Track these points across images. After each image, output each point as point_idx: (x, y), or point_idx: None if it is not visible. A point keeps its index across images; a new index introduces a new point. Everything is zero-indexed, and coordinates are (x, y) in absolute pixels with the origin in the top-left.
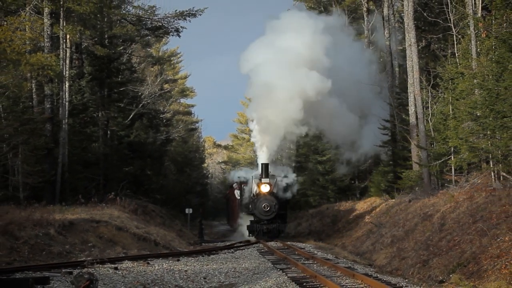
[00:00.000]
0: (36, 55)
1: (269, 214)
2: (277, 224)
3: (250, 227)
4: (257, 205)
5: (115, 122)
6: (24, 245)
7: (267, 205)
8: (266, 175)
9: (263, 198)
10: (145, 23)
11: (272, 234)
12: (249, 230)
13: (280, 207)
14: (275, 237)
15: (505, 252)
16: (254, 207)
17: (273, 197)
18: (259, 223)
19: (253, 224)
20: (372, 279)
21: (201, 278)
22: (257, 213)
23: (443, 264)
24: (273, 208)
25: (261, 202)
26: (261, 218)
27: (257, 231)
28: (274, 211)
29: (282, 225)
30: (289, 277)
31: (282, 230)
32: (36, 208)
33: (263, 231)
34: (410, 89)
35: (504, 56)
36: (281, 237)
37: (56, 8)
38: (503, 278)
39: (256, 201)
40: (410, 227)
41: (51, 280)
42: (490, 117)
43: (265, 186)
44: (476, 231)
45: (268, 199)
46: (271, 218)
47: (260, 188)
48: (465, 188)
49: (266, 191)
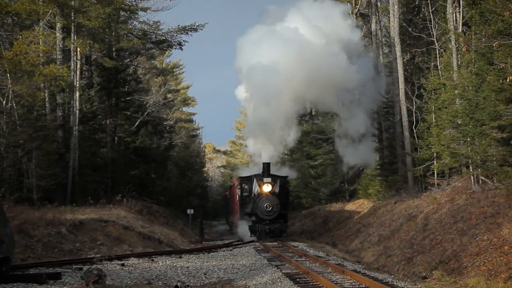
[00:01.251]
0: (49, 67)
1: (271, 214)
2: (279, 224)
3: (252, 227)
4: (259, 204)
5: (122, 129)
6: (38, 243)
7: (269, 204)
8: (268, 174)
9: (265, 198)
10: (150, 37)
11: (274, 235)
12: (250, 230)
13: (282, 207)
14: (277, 238)
15: (483, 250)
16: (256, 207)
17: (275, 197)
18: (260, 223)
19: (255, 224)
20: (360, 275)
21: (201, 274)
22: (259, 213)
23: (426, 261)
24: (275, 208)
25: (263, 202)
26: (262, 218)
27: (259, 231)
28: (276, 211)
29: (284, 225)
30: (283, 273)
31: (284, 230)
32: (48, 208)
33: (265, 231)
34: (396, 99)
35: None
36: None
37: (68, 23)
38: (481, 274)
39: (258, 201)
40: (395, 227)
41: (62, 276)
42: (470, 125)
43: (267, 186)
44: (456, 231)
45: (270, 199)
46: (273, 218)
47: (262, 188)
48: (447, 190)
49: (268, 191)
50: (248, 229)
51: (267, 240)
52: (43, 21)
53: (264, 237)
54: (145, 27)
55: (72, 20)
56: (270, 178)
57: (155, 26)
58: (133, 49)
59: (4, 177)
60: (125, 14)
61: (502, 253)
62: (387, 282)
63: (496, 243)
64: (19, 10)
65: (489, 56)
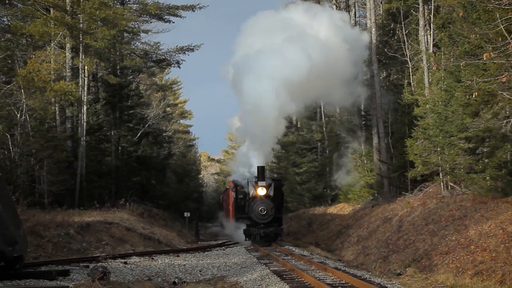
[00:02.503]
0: (59, 83)
1: (266, 218)
2: (274, 228)
3: (247, 231)
4: (254, 208)
5: (125, 139)
6: (48, 243)
7: (264, 208)
8: (263, 178)
9: (260, 202)
10: (151, 56)
11: (269, 238)
12: (245, 234)
13: (277, 210)
14: (272, 241)
15: (452, 249)
16: (251, 210)
17: (269, 201)
18: (255, 226)
19: (250, 228)
20: (341, 272)
21: (197, 271)
22: (254, 216)
23: (401, 259)
24: (270, 211)
25: (258, 205)
26: (257, 222)
27: (254, 235)
28: (271, 215)
29: (279, 229)
30: (271, 270)
31: (279, 234)
32: (58, 212)
33: (260, 235)
34: (374, 113)
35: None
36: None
37: (76, 43)
38: (450, 271)
39: (252, 204)
40: (373, 228)
41: (70, 273)
42: (440, 136)
43: (261, 189)
44: (428, 232)
45: (265, 202)
46: (268, 222)
47: (257, 191)
48: (419, 195)
49: (262, 194)
50: (243, 233)
51: (262, 243)
52: (54, 42)
53: (259, 241)
54: (146, 47)
55: (80, 41)
56: (265, 182)
57: (156, 46)
58: (136, 67)
59: (18, 183)
60: (128, 35)
61: (469, 252)
62: (365, 279)
63: (463, 243)
64: (32, 32)
65: (457, 74)
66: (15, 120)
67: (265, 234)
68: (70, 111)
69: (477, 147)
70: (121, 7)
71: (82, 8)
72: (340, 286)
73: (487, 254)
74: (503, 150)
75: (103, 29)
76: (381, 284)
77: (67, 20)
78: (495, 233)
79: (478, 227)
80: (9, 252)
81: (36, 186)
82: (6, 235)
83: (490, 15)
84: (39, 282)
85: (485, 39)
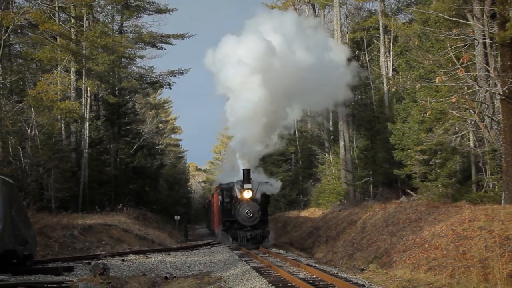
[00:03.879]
0: (65, 102)
1: (253, 220)
2: (260, 231)
3: (233, 234)
4: (240, 211)
5: (123, 151)
6: (55, 242)
7: (250, 211)
8: (248, 181)
9: (246, 204)
10: (146, 79)
11: (256, 241)
12: (232, 237)
13: (263, 213)
14: (259, 244)
15: (408, 248)
16: (237, 213)
17: (255, 203)
18: (242, 229)
19: (236, 231)
20: (312, 268)
21: (186, 267)
22: (240, 219)
23: (364, 257)
24: (256, 214)
25: (244, 208)
26: (244, 225)
27: (241, 237)
28: (257, 217)
29: (265, 231)
30: (251, 267)
31: (266, 236)
32: (63, 215)
33: (246, 238)
34: (340, 128)
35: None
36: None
37: (80, 67)
38: (407, 267)
39: (239, 207)
40: (340, 230)
41: (75, 269)
42: (399, 149)
43: (247, 192)
44: (388, 233)
45: (251, 205)
46: (255, 225)
47: (243, 194)
48: (380, 201)
49: (248, 197)
50: (230, 236)
51: (248, 246)
52: (60, 66)
53: (245, 244)
54: (141, 71)
55: (83, 65)
56: (251, 185)
57: (150, 70)
58: (132, 88)
59: (28, 190)
60: (125, 60)
61: (423, 250)
62: (333, 274)
63: (418, 242)
64: (41, 57)
65: (413, 95)
66: (26, 134)
67: (251, 236)
68: (74, 127)
69: (430, 159)
70: (119, 36)
71: (85, 36)
72: (311, 280)
73: (439, 252)
74: (453, 162)
75: (104, 55)
76: (347, 278)
77: (72, 47)
78: (446, 233)
79: (431, 228)
80: (21, 251)
81: (44, 192)
82: (18, 236)
83: (441, 44)
84: (47, 277)
85: (437, 64)
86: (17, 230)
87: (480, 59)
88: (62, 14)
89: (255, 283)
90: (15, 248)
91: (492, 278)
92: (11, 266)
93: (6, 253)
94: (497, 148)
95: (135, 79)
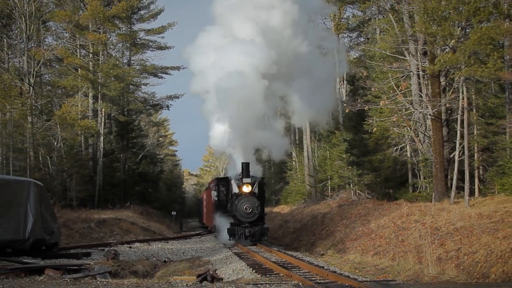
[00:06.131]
0: (84, 121)
1: (251, 216)
2: (259, 227)
3: (231, 231)
4: (238, 206)
5: (130, 160)
6: (76, 233)
7: (249, 206)
8: (247, 174)
9: (245, 199)
10: (149, 102)
11: (255, 238)
12: (229, 234)
13: (262, 208)
14: (257, 241)
15: (359, 237)
16: (235, 209)
17: (255, 198)
18: (239, 225)
19: (234, 227)
20: (282, 253)
21: (181, 253)
22: (238, 215)
23: (324, 244)
24: (255, 209)
25: (243, 203)
26: (242, 221)
27: (239, 234)
28: (256, 213)
29: (265, 228)
30: (233, 252)
31: (265, 233)
32: (83, 211)
33: (244, 235)
34: (305, 142)
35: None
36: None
37: (96, 93)
38: (358, 252)
39: (237, 202)
40: (304, 222)
41: (91, 254)
42: (350, 158)
43: (246, 187)
44: (342, 225)
45: (250, 200)
46: (254, 221)
47: (242, 189)
48: (336, 199)
49: (247, 192)
50: (227, 233)
51: (247, 243)
52: (80, 92)
53: (244, 241)
54: (145, 96)
55: (99, 91)
56: (250, 179)
57: (152, 95)
58: (138, 109)
59: (55, 191)
60: (133, 87)
61: (370, 239)
62: (299, 258)
63: (366, 232)
64: (65, 85)
65: (363, 115)
66: (53, 146)
67: (250, 233)
68: (92, 140)
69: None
70: (128, 68)
71: (101, 68)
72: (281, 263)
73: (383, 240)
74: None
75: (115, 83)
76: (310, 261)
77: (90, 77)
78: (388, 225)
79: (377, 221)
80: (48, 239)
81: (67, 193)
82: (46, 228)
83: (384, 75)
84: (69, 261)
85: (381, 91)
86: (45, 223)
87: (415, 87)
88: (82, 51)
89: (237, 265)
90: (44, 237)
91: (425, 260)
92: (41, 252)
93: (37, 241)
94: (428, 158)
95: (140, 102)
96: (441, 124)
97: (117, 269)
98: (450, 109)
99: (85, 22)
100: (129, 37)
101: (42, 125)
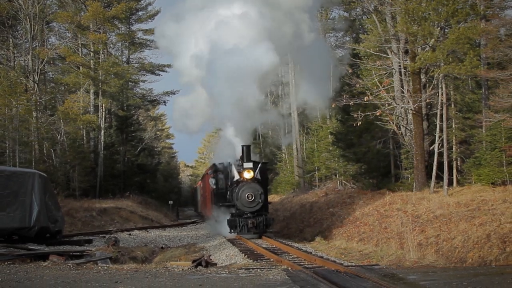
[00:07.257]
0: (86, 116)
1: (254, 205)
2: (263, 217)
3: (231, 222)
4: (240, 194)
5: (129, 152)
6: (78, 221)
7: (252, 194)
8: (249, 159)
9: (247, 186)
10: (146, 97)
11: (259, 230)
12: (230, 226)
13: (265, 196)
14: (262, 233)
15: (344, 224)
16: (236, 197)
17: (258, 185)
18: (241, 216)
19: (235, 218)
20: (272, 240)
21: (177, 239)
22: (239, 204)
23: (312, 231)
24: (258, 198)
25: (244, 191)
26: (243, 210)
27: (241, 226)
28: (259, 202)
29: (269, 219)
30: (226, 239)
31: (270, 224)
32: (85, 200)
33: (247, 226)
34: (294, 135)
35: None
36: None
37: (97, 89)
38: (343, 238)
39: (237, 190)
40: (293, 211)
41: (93, 241)
42: (336, 151)
43: (247, 173)
44: (329, 213)
45: (253, 187)
46: (257, 210)
47: (243, 174)
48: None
49: (249, 178)
50: (227, 224)
51: (250, 236)
52: (82, 88)
53: (246, 233)
54: (143, 92)
55: (100, 88)
56: (252, 163)
57: (150, 91)
58: (136, 105)
59: (58, 182)
60: (131, 84)
61: (355, 226)
62: (288, 244)
63: (352, 220)
64: (68, 82)
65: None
66: (56, 140)
67: (253, 224)
68: (93, 134)
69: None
70: (127, 65)
71: (101, 66)
72: (272, 249)
73: (367, 227)
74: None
75: (115, 80)
76: (299, 247)
77: (91, 74)
78: (372, 213)
79: (362, 210)
80: (52, 227)
81: (70, 183)
82: (50, 216)
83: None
84: (72, 247)
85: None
86: (49, 212)
87: (397, 84)
88: (84, 50)
89: (230, 251)
90: (48, 225)
91: (406, 246)
92: (45, 239)
93: (42, 229)
94: (410, 150)
95: (138, 98)
96: (422, 118)
97: (117, 255)
98: (430, 104)
99: (86, 22)
100: (128, 36)
101: (46, 120)
